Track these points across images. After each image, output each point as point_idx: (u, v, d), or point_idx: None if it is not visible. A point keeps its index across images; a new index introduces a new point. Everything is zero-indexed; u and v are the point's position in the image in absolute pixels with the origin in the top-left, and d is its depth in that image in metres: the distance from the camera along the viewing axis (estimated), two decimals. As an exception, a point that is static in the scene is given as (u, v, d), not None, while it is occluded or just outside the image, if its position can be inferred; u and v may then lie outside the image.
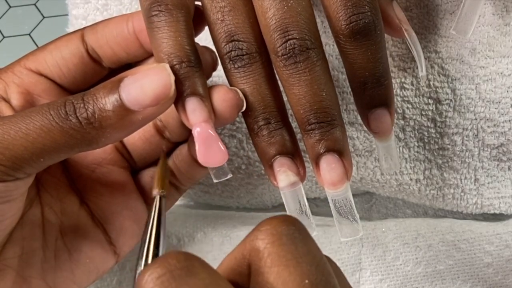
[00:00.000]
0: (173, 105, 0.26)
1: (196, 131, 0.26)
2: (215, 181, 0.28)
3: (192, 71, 0.26)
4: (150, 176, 0.32)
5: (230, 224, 0.36)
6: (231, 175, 0.28)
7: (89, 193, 0.30)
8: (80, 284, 0.30)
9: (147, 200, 0.32)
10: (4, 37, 1.31)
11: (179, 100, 0.26)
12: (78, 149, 0.25)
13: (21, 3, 1.34)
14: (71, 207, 0.30)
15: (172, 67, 0.25)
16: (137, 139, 0.31)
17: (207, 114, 0.26)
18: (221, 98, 0.27)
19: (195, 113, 0.26)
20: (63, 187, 0.30)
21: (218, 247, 0.35)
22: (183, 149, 0.32)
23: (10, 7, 1.35)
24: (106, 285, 0.35)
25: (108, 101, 0.24)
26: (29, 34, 1.30)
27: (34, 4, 1.35)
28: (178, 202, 0.41)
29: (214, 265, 0.35)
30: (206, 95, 0.26)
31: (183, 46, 0.26)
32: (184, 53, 0.25)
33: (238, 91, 0.27)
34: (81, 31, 0.29)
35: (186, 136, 0.31)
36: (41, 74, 0.28)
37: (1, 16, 1.34)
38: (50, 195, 0.29)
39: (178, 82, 0.25)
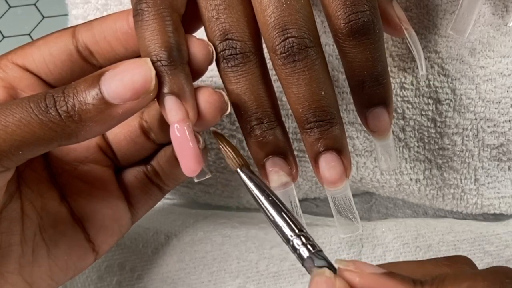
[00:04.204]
0: (158, 108, 0.26)
1: (172, 130, 0.26)
2: (196, 180, 0.27)
3: (171, 69, 0.25)
4: (134, 176, 0.32)
5: (230, 224, 0.36)
6: (210, 175, 0.28)
7: (70, 190, 0.30)
8: (57, 280, 0.30)
9: (129, 199, 0.32)
10: (4, 37, 1.31)
11: (159, 97, 0.26)
12: (58, 142, 0.25)
13: (21, 3, 1.34)
14: (51, 203, 0.30)
15: (153, 65, 0.25)
16: (122, 139, 0.31)
17: (184, 113, 0.26)
18: (205, 99, 0.26)
19: (171, 112, 0.26)
20: (44, 183, 0.30)
21: (218, 247, 0.35)
22: (167, 150, 0.32)
23: (10, 7, 1.35)
24: (106, 285, 0.35)
25: (88, 95, 0.24)
26: (29, 34, 1.30)
27: (34, 4, 1.34)
28: (177, 202, 0.41)
29: (214, 265, 0.35)
30: (186, 93, 0.26)
31: (163, 43, 0.25)
32: (164, 51, 0.25)
33: (224, 93, 0.27)
34: (73, 28, 0.28)
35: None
36: (27, 70, 0.28)
37: (1, 16, 1.34)
38: (30, 190, 0.29)
39: (158, 80, 0.25)
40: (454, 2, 0.32)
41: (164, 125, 0.30)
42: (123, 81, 0.24)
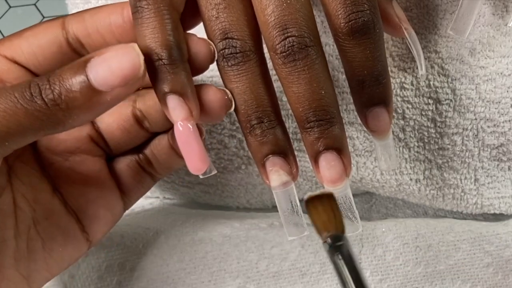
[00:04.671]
0: (154, 98, 0.26)
1: (176, 128, 0.26)
2: (201, 177, 0.27)
3: (173, 68, 0.25)
4: (127, 165, 0.32)
5: (230, 224, 0.36)
6: (216, 171, 0.28)
7: (62, 181, 0.30)
8: (52, 272, 0.30)
9: (121, 188, 0.32)
10: (4, 37, 1.31)
11: (161, 96, 0.26)
12: (44, 131, 0.24)
13: (21, 3, 1.33)
14: (44, 195, 0.29)
15: (153, 63, 0.25)
16: (116, 129, 0.31)
17: (187, 112, 0.26)
18: (209, 98, 0.27)
19: (175, 111, 0.26)
20: (36, 175, 0.29)
21: (218, 247, 0.35)
22: (162, 139, 0.31)
23: (10, 7, 1.35)
24: (106, 285, 0.35)
25: (75, 82, 0.23)
26: (29, 34, 1.30)
27: (34, 4, 1.34)
28: (177, 202, 0.41)
29: (214, 265, 0.35)
30: (188, 92, 0.26)
31: (163, 42, 0.25)
32: (165, 49, 0.25)
33: (227, 91, 0.27)
34: (62, 19, 0.28)
35: (167, 127, 0.31)
36: (15, 62, 0.28)
37: (1, 16, 1.34)
38: (22, 182, 0.29)
39: (160, 78, 0.25)
40: (454, 2, 0.32)
41: (161, 114, 0.30)
42: (111, 67, 0.24)
